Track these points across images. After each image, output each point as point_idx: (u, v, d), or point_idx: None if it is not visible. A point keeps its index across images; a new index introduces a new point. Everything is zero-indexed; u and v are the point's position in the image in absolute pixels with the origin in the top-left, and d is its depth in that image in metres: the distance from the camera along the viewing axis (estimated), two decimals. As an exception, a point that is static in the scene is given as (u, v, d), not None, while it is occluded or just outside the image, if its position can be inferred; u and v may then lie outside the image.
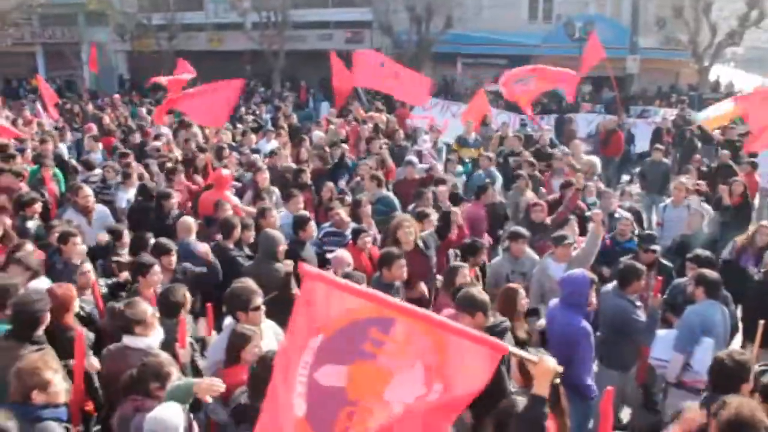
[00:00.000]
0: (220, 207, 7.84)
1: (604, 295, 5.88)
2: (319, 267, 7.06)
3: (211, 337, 5.32)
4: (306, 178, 9.58)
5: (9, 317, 4.77)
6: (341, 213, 7.77)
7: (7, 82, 31.20)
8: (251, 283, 5.14)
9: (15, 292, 4.95)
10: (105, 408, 4.83)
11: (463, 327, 2.90)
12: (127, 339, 4.64)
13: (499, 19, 26.13)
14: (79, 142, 13.55)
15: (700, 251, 6.72)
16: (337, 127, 13.56)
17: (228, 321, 5.07)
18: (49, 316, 4.72)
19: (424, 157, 11.58)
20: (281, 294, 5.83)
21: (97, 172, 10.26)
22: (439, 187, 8.79)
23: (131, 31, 29.09)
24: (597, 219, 6.87)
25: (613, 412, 3.70)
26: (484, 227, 8.58)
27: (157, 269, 5.75)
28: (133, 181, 9.28)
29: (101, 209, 8.30)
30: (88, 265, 5.94)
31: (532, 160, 11.03)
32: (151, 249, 6.40)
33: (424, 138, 12.78)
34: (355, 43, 28.09)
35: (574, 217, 7.99)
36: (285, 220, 7.73)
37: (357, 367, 2.67)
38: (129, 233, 7.10)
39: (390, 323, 2.73)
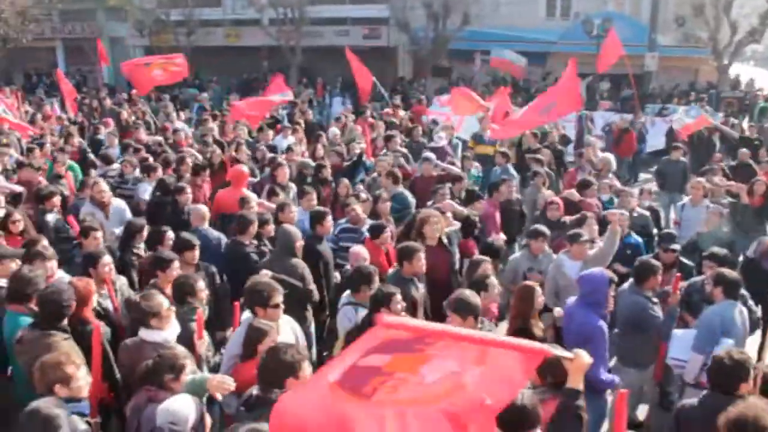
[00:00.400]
0: (246, 203, 7.80)
1: (620, 292, 5.83)
2: (334, 262, 7.15)
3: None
4: (326, 174, 9.63)
5: (33, 309, 4.84)
6: (357, 209, 7.76)
7: (28, 77, 31.56)
8: (273, 281, 5.15)
9: (40, 284, 5.00)
10: (124, 401, 4.87)
11: (505, 339, 2.88)
12: (143, 333, 4.68)
13: (517, 15, 25.99)
14: (93, 138, 13.60)
15: (717, 249, 6.56)
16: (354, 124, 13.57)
17: (246, 315, 5.08)
18: (72, 308, 4.76)
19: (443, 153, 11.51)
20: (297, 289, 5.86)
21: (115, 166, 10.35)
22: (455, 185, 8.79)
23: (150, 27, 29.33)
24: (614, 219, 6.79)
25: (628, 410, 3.68)
26: (496, 224, 8.54)
27: (177, 265, 5.76)
28: (157, 175, 9.36)
29: (118, 203, 8.33)
30: (108, 258, 5.84)
31: (540, 156, 10.97)
32: (173, 243, 6.43)
33: (440, 135, 12.71)
34: (372, 39, 28.10)
35: (592, 214, 7.92)
36: (300, 216, 7.72)
37: (400, 355, 2.70)
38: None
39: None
